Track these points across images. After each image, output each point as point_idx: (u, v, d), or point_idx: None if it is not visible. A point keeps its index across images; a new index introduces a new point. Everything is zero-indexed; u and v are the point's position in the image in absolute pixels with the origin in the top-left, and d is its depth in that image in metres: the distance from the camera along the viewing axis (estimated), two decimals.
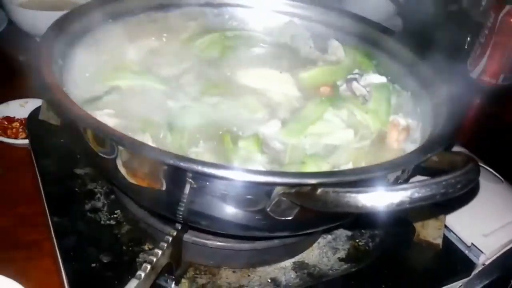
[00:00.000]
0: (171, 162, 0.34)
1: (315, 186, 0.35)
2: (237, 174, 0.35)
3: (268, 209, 0.38)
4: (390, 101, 0.48)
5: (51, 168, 0.54)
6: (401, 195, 0.33)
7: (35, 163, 0.54)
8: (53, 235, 0.47)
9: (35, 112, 0.59)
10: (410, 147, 0.45)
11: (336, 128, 0.45)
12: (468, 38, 0.99)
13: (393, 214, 0.49)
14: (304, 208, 0.38)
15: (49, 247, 0.49)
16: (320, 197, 0.35)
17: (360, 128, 0.46)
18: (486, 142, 0.77)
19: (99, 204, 0.51)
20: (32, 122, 0.59)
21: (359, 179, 0.35)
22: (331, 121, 0.45)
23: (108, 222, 0.50)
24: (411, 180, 0.41)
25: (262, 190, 0.36)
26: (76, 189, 0.52)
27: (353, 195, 0.34)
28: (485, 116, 0.87)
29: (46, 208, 0.49)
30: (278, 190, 0.37)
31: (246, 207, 0.38)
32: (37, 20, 0.79)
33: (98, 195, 0.52)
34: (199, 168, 0.34)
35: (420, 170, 0.43)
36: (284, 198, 0.37)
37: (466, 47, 1.00)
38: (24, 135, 0.64)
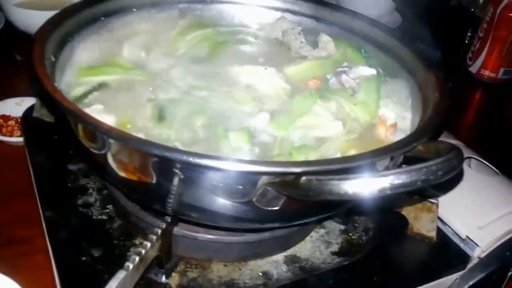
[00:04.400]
0: (157, 152, 0.36)
1: (299, 175, 0.36)
2: (222, 163, 0.36)
3: (254, 199, 0.39)
4: (379, 92, 0.49)
5: (44, 164, 0.55)
6: (382, 182, 0.34)
7: (28, 159, 0.56)
8: (45, 229, 0.48)
9: (30, 109, 0.61)
10: (399, 138, 0.46)
11: (325, 121, 0.46)
12: (469, 33, 1.00)
13: (384, 207, 0.51)
14: (290, 198, 0.39)
15: (42, 244, 0.50)
16: (304, 185, 0.36)
17: (349, 120, 0.46)
18: (484, 136, 0.78)
19: (92, 199, 0.53)
20: (27, 120, 0.60)
21: (342, 167, 0.36)
22: (320, 114, 0.46)
23: (100, 217, 0.51)
24: None
25: (248, 180, 0.37)
26: (69, 184, 0.54)
27: (335, 182, 0.34)
28: (484, 110, 0.87)
29: (39, 203, 0.51)
30: (263, 180, 0.38)
31: (233, 198, 0.39)
32: (33, 20, 0.81)
33: (91, 190, 0.54)
34: (184, 157, 0.35)
35: (409, 159, 0.43)
36: (269, 188, 0.38)
37: (466, 41, 1.00)
38: (19, 133, 0.66)
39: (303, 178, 0.36)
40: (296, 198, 0.38)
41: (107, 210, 0.52)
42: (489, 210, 0.54)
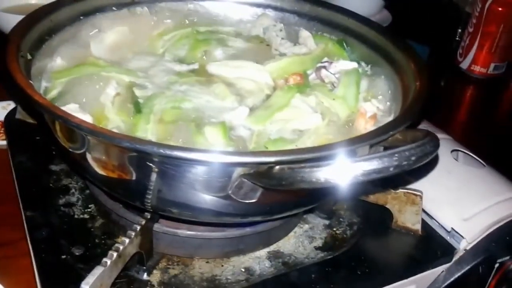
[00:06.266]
0: (127, 145, 0.36)
1: (272, 165, 0.37)
2: (194, 154, 0.36)
3: (230, 192, 0.39)
4: (359, 85, 0.50)
5: (26, 165, 0.56)
6: (354, 168, 0.35)
7: (11, 160, 0.56)
8: (26, 229, 0.49)
9: (13, 111, 0.62)
10: None
11: (303, 113, 0.47)
12: (459, 30, 1.01)
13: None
14: (266, 190, 0.39)
15: (26, 247, 0.51)
16: (277, 175, 0.36)
17: (328, 114, 0.47)
18: (474, 131, 0.79)
19: (74, 199, 0.53)
20: (9, 121, 0.61)
21: (314, 156, 0.37)
22: (298, 107, 0.47)
23: (81, 216, 0.52)
24: None
25: (222, 171, 0.38)
26: (51, 184, 0.54)
27: (307, 170, 0.35)
28: (475, 105, 0.88)
29: (20, 203, 0.52)
30: (238, 171, 0.38)
31: (210, 191, 0.40)
32: None
33: (73, 190, 0.54)
34: (155, 149, 0.36)
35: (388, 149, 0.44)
36: (244, 180, 0.39)
37: (457, 38, 1.01)
38: (4, 137, 0.67)
39: (276, 167, 0.37)
40: (271, 189, 0.39)
41: (89, 209, 0.52)
42: (474, 202, 0.55)
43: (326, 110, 0.47)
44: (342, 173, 0.35)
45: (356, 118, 0.49)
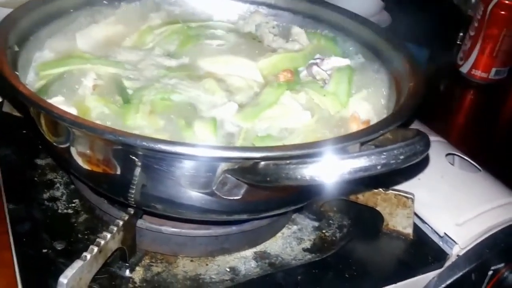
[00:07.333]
0: (110, 137, 0.36)
1: (257, 160, 0.37)
2: (178, 148, 0.36)
3: (214, 188, 0.39)
4: (352, 81, 0.49)
5: (11, 158, 0.56)
6: (341, 166, 0.34)
7: None
8: (8, 221, 0.49)
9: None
10: None
11: (293, 111, 0.47)
12: (461, 33, 1.01)
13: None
14: (251, 186, 0.39)
15: (8, 241, 0.51)
16: (261, 170, 0.36)
17: (318, 111, 0.47)
18: (474, 137, 0.78)
19: (58, 193, 0.53)
20: None
21: (301, 153, 0.36)
22: (288, 105, 0.47)
23: (65, 211, 0.51)
24: None
25: (206, 166, 0.38)
26: (36, 178, 0.54)
27: (293, 166, 0.35)
28: (475, 111, 0.88)
29: (4, 196, 0.52)
30: (222, 167, 0.38)
31: (194, 187, 0.40)
32: None
33: (58, 185, 0.54)
34: (138, 142, 0.36)
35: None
36: (228, 176, 0.38)
37: (458, 42, 1.01)
38: None
39: (262, 163, 0.37)
40: (256, 186, 0.39)
41: (73, 205, 0.52)
42: (469, 207, 0.54)
43: (316, 107, 0.47)
44: (329, 170, 0.34)
45: (348, 122, 0.48)
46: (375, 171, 0.35)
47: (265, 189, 0.40)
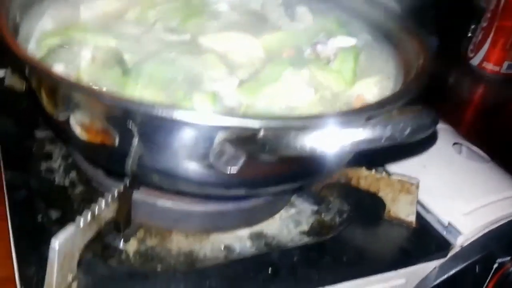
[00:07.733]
0: (107, 102, 0.36)
1: (256, 131, 0.36)
2: (175, 113, 0.36)
3: (211, 158, 0.39)
4: (357, 60, 0.48)
5: (11, 129, 0.56)
6: (343, 136, 0.34)
7: None
8: (5, 188, 0.49)
9: (1, 80, 0.62)
10: None
11: (295, 89, 0.46)
12: (472, 26, 0.98)
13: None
14: (250, 159, 0.38)
15: (4, 211, 0.51)
16: (260, 140, 0.36)
17: (321, 89, 0.46)
18: (485, 130, 0.76)
19: (55, 165, 0.53)
20: None
21: (303, 125, 0.36)
22: (290, 82, 0.46)
23: (62, 182, 0.51)
24: None
25: (204, 135, 0.37)
26: (34, 150, 0.54)
27: (292, 135, 0.34)
28: (485, 105, 0.86)
29: (2, 165, 0.52)
30: (220, 136, 0.38)
31: (190, 157, 0.39)
32: None
33: (56, 156, 0.54)
34: (136, 106, 0.35)
35: None
36: (227, 145, 0.38)
37: (469, 34, 0.99)
38: None
39: (261, 133, 0.36)
40: (254, 157, 0.38)
41: (70, 176, 0.52)
42: (475, 197, 0.53)
43: (319, 85, 0.46)
44: (330, 140, 0.34)
45: (353, 103, 0.47)
46: (379, 143, 0.34)
47: (264, 163, 0.39)
